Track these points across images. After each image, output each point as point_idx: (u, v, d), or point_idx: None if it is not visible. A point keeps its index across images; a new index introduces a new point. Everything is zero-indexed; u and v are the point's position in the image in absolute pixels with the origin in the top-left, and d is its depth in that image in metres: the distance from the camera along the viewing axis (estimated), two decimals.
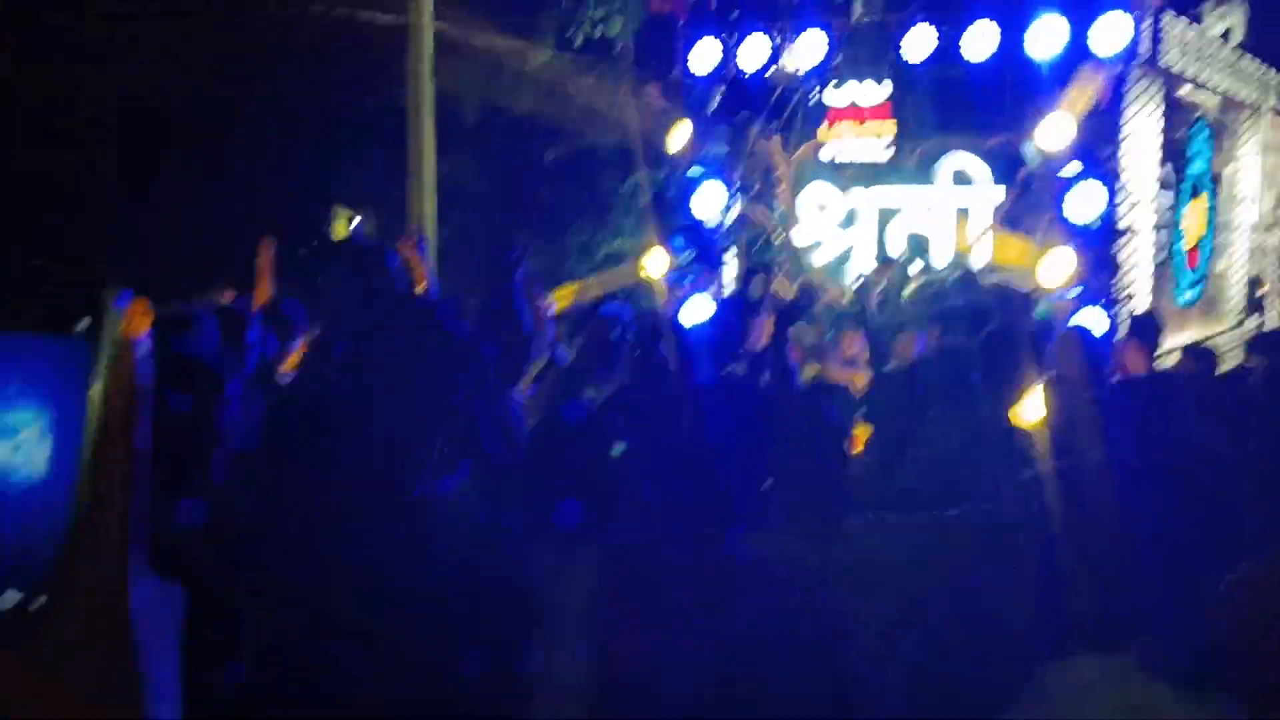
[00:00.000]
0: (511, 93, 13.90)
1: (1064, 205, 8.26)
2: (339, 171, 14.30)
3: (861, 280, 9.19)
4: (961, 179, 9.50)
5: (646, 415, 4.46)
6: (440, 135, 12.97)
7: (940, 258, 9.46)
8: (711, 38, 9.57)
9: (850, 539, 3.36)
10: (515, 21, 13.53)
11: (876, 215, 9.86)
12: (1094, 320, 8.12)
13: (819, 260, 10.06)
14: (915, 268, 9.56)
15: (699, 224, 9.88)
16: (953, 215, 9.54)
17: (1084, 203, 8.16)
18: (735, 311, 8.48)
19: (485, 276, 6.58)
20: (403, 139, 12.87)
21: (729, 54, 9.60)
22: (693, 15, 9.84)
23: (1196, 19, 9.48)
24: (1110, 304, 8.41)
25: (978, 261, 9.50)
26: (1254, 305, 11.21)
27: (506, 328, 4.72)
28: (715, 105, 10.09)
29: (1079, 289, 8.22)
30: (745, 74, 9.58)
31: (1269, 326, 11.40)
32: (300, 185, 13.76)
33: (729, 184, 10.00)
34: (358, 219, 17.90)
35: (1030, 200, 9.26)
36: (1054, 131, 8.12)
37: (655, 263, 9.76)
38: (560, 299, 9.19)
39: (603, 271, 13.16)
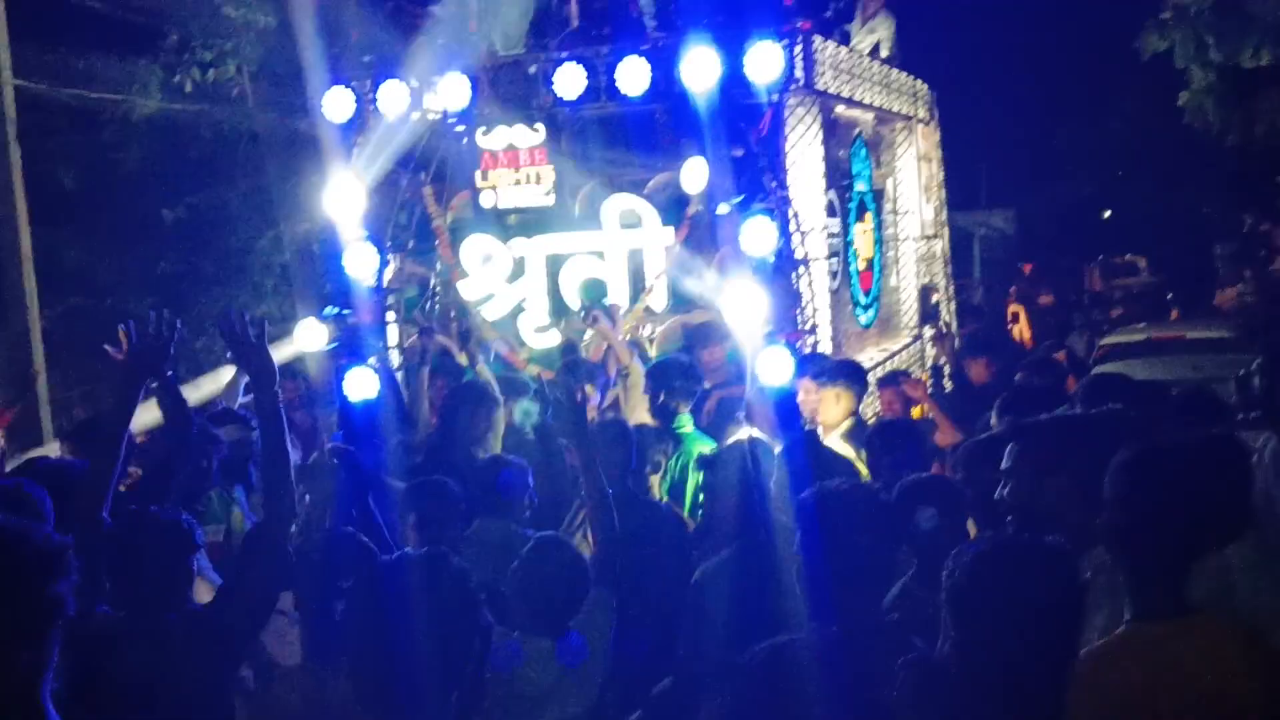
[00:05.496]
0: (115, 149, 13.19)
1: (738, 242, 8.67)
2: None
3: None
4: (629, 221, 9.79)
5: None
6: (33, 203, 12.22)
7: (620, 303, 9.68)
8: (342, 87, 9.47)
9: None
10: (112, 71, 12.87)
11: (544, 264, 10.00)
12: (779, 357, 8.59)
13: (492, 314, 10.11)
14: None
15: (352, 287, 9.72)
16: (624, 259, 9.81)
17: (756, 238, 8.58)
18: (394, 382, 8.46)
19: (100, 367, 6.30)
20: None
21: (364, 101, 9.53)
22: (324, 60, 9.73)
23: (845, 37, 10.19)
24: (793, 338, 8.87)
25: (658, 304, 9.82)
26: (929, 315, 12.14)
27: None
28: (357, 155, 9.98)
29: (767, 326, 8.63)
30: (386, 121, 9.54)
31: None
32: None
33: (380, 240, 9.90)
34: None
35: (699, 239, 9.66)
36: (693, 174, 8.56)
37: (309, 335, 9.44)
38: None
39: None
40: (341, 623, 3.64)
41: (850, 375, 7.64)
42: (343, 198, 9.49)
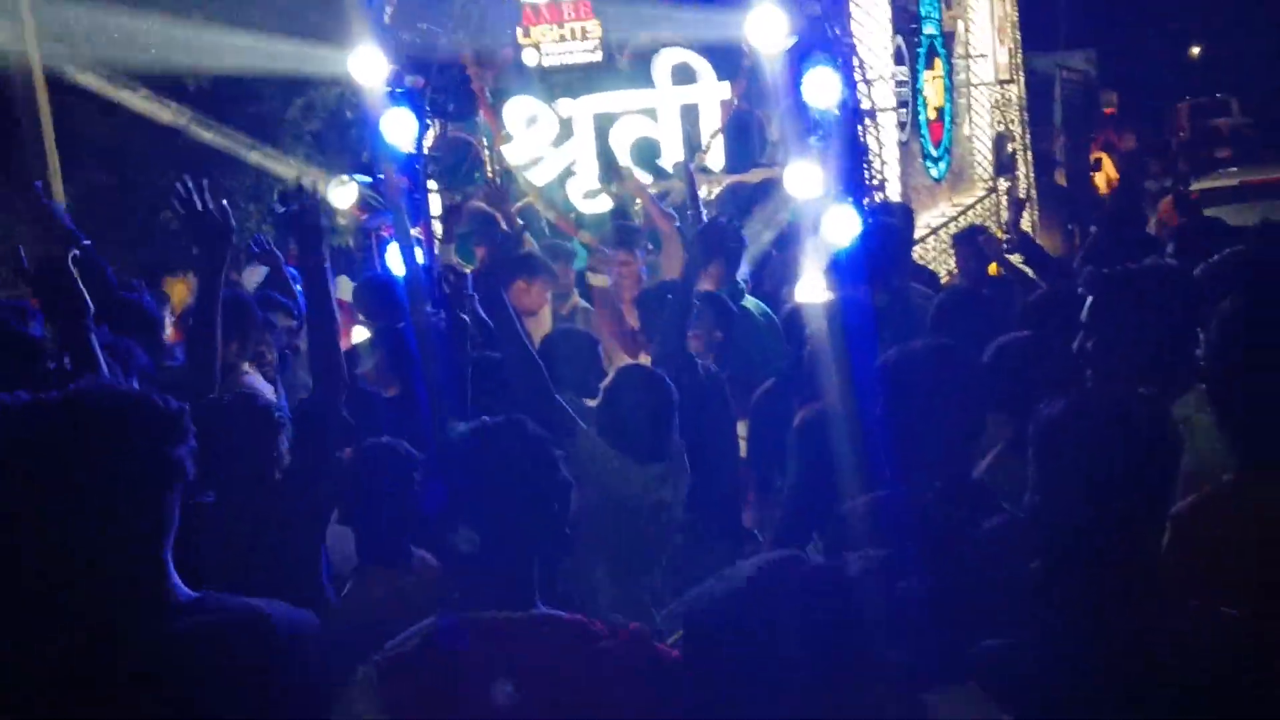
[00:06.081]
0: (134, 9, 12.76)
1: (800, 93, 8.23)
2: None
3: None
4: (683, 76, 9.37)
5: None
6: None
7: (673, 163, 9.33)
8: None
9: None
10: None
11: (593, 124, 9.61)
12: (846, 215, 8.20)
13: (539, 179, 9.77)
14: (646, 177, 9.39)
15: (390, 153, 9.38)
16: (677, 117, 9.41)
17: (819, 90, 8.14)
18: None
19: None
20: None
21: None
22: None
23: None
24: (860, 194, 8.50)
25: (715, 164, 9.45)
26: (1004, 166, 11.63)
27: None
28: (391, 15, 9.59)
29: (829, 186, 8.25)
30: None
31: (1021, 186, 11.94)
32: None
33: (419, 105, 9.53)
34: None
35: (758, 93, 9.21)
36: (762, 23, 7.91)
37: (339, 193, 9.01)
38: None
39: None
40: (420, 494, 3.81)
41: None
42: (375, 61, 9.09)
